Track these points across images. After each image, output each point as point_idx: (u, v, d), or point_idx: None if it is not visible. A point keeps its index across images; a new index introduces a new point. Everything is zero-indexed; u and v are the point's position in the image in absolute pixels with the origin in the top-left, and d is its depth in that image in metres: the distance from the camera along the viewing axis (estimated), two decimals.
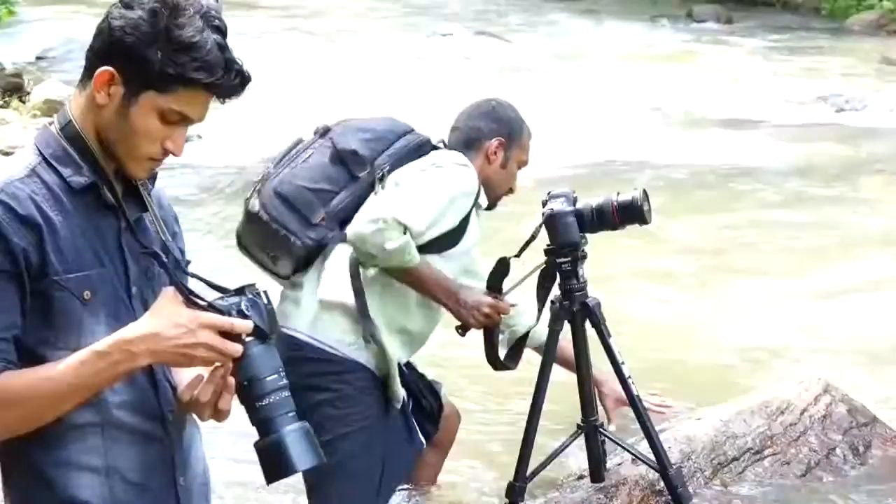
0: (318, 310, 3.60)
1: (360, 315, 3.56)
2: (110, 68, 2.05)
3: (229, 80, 2.06)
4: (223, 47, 2.06)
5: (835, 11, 19.89)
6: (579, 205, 3.60)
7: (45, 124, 2.19)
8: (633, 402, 3.65)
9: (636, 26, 18.57)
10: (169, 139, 2.09)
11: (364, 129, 3.74)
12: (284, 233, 3.61)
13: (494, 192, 3.82)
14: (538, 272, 3.70)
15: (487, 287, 3.66)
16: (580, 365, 3.70)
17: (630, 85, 13.30)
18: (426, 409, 3.89)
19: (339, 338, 3.59)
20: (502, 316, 3.70)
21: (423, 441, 3.86)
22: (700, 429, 3.98)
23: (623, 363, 3.65)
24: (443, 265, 3.64)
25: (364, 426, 3.60)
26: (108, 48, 2.06)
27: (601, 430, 3.71)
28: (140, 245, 2.13)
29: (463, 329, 3.69)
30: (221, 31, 2.07)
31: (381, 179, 3.62)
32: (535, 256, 3.70)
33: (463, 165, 3.66)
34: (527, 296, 3.77)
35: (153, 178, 2.21)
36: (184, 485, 2.22)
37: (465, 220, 3.67)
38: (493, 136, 3.76)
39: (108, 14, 2.08)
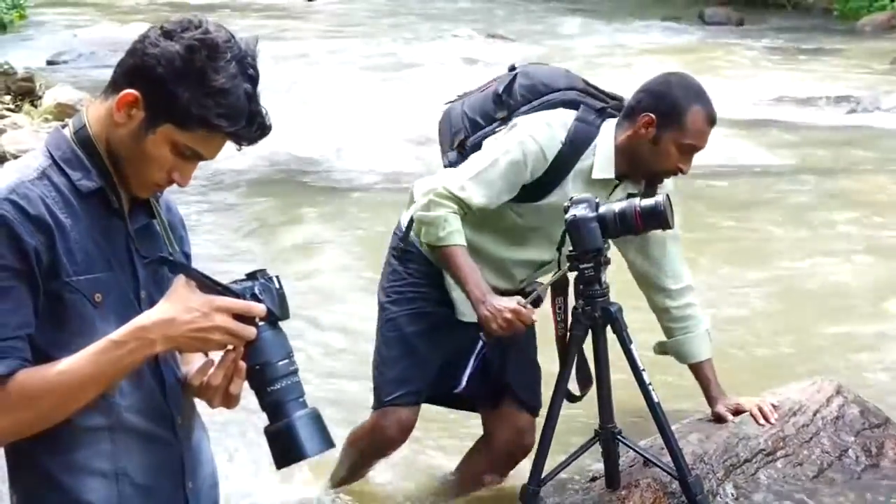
0: (410, 199, 3.98)
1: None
2: (135, 92, 2.04)
3: (249, 131, 2.07)
4: (251, 98, 2.05)
5: (846, 12, 19.87)
6: (602, 210, 3.56)
7: (58, 126, 2.19)
8: (653, 408, 3.63)
9: (648, 28, 18.58)
10: (177, 170, 2.10)
11: (529, 76, 3.92)
12: (441, 148, 4.03)
13: (646, 167, 3.74)
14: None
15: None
16: (599, 371, 3.68)
17: None
18: (488, 368, 3.98)
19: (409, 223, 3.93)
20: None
21: (465, 385, 3.96)
22: (712, 430, 3.96)
23: (644, 370, 3.64)
24: (525, 215, 3.79)
25: (404, 298, 3.91)
26: (137, 71, 2.05)
27: (619, 436, 3.70)
28: (144, 256, 2.13)
29: (486, 336, 3.70)
30: (254, 79, 2.06)
31: (505, 123, 3.82)
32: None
33: (536, 128, 3.72)
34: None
35: None
36: (192, 488, 2.23)
37: (547, 179, 3.73)
38: (646, 111, 3.68)
39: (145, 36, 2.06)
